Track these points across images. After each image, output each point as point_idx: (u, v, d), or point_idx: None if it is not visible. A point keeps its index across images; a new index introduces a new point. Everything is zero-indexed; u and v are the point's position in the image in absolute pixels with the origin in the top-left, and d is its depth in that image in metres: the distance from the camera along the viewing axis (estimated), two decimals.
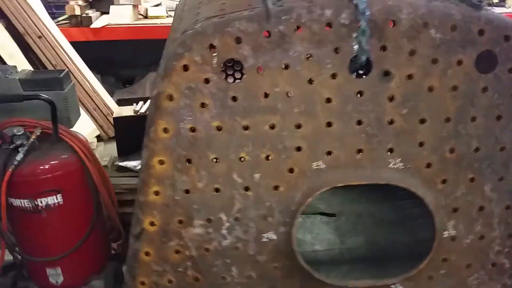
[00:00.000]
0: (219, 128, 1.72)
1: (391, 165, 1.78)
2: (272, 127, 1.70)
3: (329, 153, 1.74)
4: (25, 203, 2.15)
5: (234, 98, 1.70)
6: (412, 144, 1.76)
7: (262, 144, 1.71)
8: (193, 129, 1.72)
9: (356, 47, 1.63)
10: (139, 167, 3.54)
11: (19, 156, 2.09)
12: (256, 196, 1.74)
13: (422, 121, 1.75)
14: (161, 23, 5.49)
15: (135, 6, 5.63)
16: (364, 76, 1.69)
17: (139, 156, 3.37)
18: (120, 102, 3.95)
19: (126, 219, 2.55)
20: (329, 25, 1.66)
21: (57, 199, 2.21)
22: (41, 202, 2.16)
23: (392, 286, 1.90)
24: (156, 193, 1.78)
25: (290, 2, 1.70)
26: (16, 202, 2.15)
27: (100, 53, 5.51)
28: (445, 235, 1.85)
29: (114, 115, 3.48)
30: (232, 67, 2.28)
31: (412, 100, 1.72)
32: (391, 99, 1.73)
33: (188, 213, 1.77)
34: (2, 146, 2.10)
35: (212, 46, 1.67)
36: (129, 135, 3.24)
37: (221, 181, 1.72)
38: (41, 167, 2.12)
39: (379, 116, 1.74)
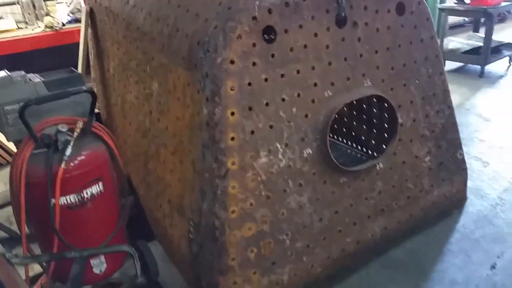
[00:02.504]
0: (266, 80, 2.06)
1: (365, 84, 2.55)
2: (298, 72, 2.15)
3: (332, 84, 2.36)
4: (70, 198, 2.05)
5: (273, 55, 2.08)
6: (373, 68, 2.46)
7: (294, 86, 2.13)
8: (249, 84, 2.05)
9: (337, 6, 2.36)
10: None
11: (68, 151, 1.95)
12: (295, 125, 2.15)
13: (376, 52, 2.50)
14: (15, 36, 5.06)
15: None
16: (343, 27, 2.43)
17: None
18: None
19: None
20: None
21: (99, 187, 2.14)
22: (87, 193, 2.10)
23: (377, 164, 2.73)
24: (232, 138, 2.04)
25: None
26: (61, 200, 2.03)
27: None
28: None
29: None
30: (268, 32, 2.31)
31: (369, 39, 2.45)
32: (359, 40, 2.43)
33: (255, 148, 2.06)
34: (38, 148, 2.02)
35: (254, 18, 2.11)
36: None
37: (273, 119, 2.08)
38: (85, 159, 2.06)
39: (355, 53, 2.37)
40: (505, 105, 4.88)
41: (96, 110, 3.59)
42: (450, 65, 6.25)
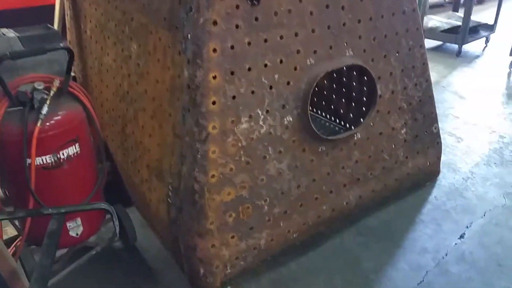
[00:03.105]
0: (249, 43, 2.06)
1: (347, 54, 2.56)
2: (281, 37, 2.14)
3: (315, 51, 2.37)
4: (46, 159, 2.00)
5: (257, 18, 2.07)
6: (356, 38, 2.45)
7: (277, 51, 2.13)
8: (232, 47, 2.03)
9: None
10: None
11: (44, 110, 1.89)
12: (277, 91, 2.15)
13: (359, 21, 2.50)
14: None
15: None
16: None
17: None
18: None
19: None
20: None
21: (75, 148, 2.09)
22: (63, 155, 2.06)
23: (355, 134, 2.77)
24: (214, 102, 2.03)
25: None
26: (37, 160, 1.97)
27: None
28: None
29: None
30: None
31: (353, 7, 2.40)
32: (343, 8, 2.41)
33: (236, 114, 2.05)
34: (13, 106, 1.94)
35: None
36: None
37: (255, 84, 2.08)
38: (61, 119, 2.01)
39: (338, 21, 2.36)
40: (480, 84, 5.00)
41: (72, 74, 3.50)
42: (428, 43, 6.32)
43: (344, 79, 3.00)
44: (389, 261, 2.49)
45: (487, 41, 6.42)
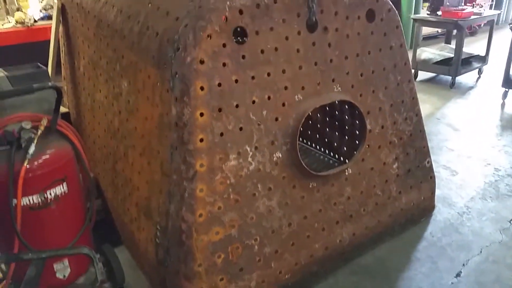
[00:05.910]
0: (236, 81, 2.05)
1: (335, 89, 2.58)
2: (269, 74, 2.15)
3: (303, 88, 2.39)
4: (33, 199, 1.98)
5: (243, 56, 2.11)
6: (343, 74, 2.46)
7: (264, 88, 2.14)
8: (219, 84, 2.04)
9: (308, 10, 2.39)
10: None
11: (31, 149, 1.88)
12: (265, 128, 2.15)
13: (346, 57, 2.54)
14: None
15: None
16: (314, 32, 2.45)
17: None
18: None
19: None
20: None
21: (63, 188, 2.08)
22: (50, 194, 2.04)
23: (346, 169, 2.75)
24: (201, 140, 2.02)
25: None
26: (24, 200, 1.95)
27: None
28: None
29: None
30: (239, 33, 2.23)
31: (339, 44, 2.46)
32: (329, 45, 2.47)
33: (224, 151, 2.05)
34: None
35: (225, 18, 2.12)
36: None
37: (243, 121, 2.09)
38: (49, 158, 2.00)
39: (325, 58, 2.41)
40: (474, 116, 5.03)
41: (66, 110, 3.53)
42: (422, 75, 6.42)
43: (336, 112, 3.02)
44: None
45: (480, 72, 6.51)
